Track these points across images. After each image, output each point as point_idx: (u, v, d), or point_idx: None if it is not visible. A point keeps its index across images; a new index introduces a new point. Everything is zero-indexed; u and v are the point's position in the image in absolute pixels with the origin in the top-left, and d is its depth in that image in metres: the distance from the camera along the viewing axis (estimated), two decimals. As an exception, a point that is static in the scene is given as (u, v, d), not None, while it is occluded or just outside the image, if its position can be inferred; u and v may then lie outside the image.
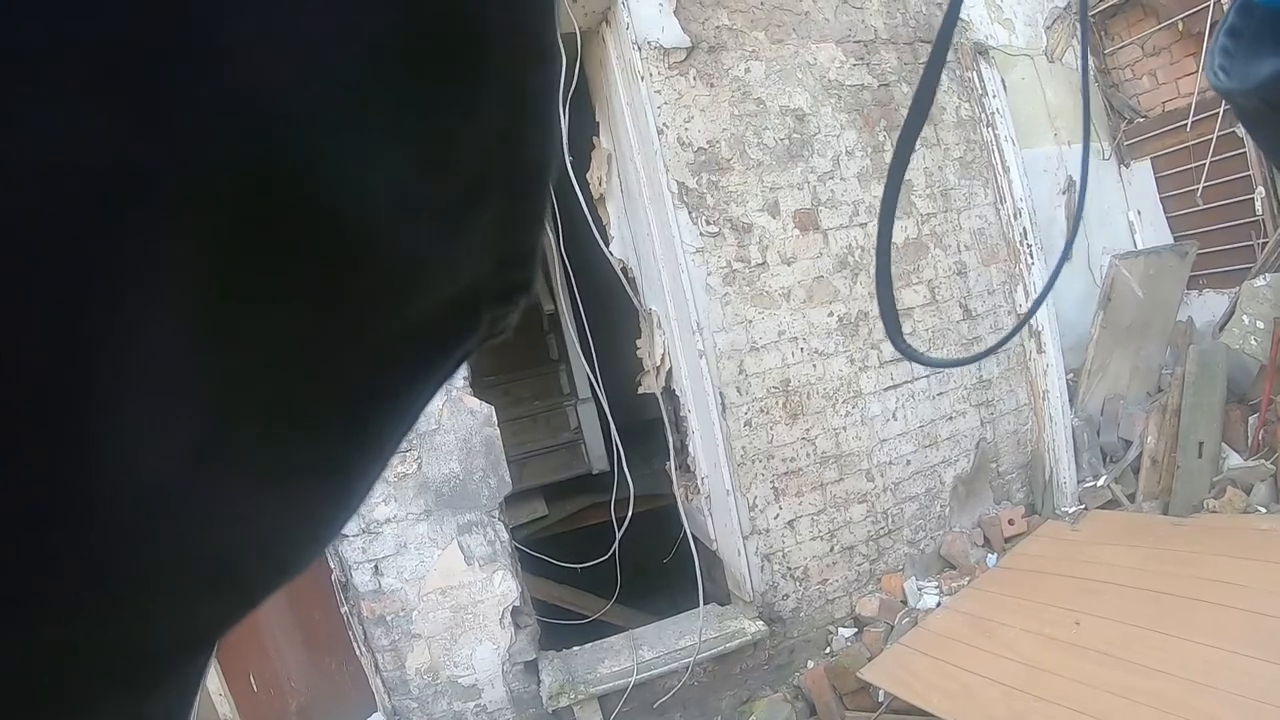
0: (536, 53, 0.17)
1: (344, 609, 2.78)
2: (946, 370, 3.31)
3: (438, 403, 2.73)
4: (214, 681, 2.59)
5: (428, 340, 0.18)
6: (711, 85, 2.97)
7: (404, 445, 2.76)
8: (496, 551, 2.80)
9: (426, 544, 2.74)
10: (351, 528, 2.68)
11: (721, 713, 2.98)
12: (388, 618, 2.74)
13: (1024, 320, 0.76)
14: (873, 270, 3.12)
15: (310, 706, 2.94)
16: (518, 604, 2.82)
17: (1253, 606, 2.31)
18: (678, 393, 3.11)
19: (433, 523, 2.75)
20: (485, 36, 0.16)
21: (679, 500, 3.16)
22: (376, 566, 2.72)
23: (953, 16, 0.52)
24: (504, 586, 2.81)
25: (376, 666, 2.79)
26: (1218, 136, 3.77)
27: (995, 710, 2.29)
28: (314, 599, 2.87)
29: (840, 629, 3.09)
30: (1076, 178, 3.98)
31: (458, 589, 2.77)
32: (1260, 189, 3.69)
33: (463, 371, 2.76)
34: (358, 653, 2.83)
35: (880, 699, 2.73)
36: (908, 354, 0.65)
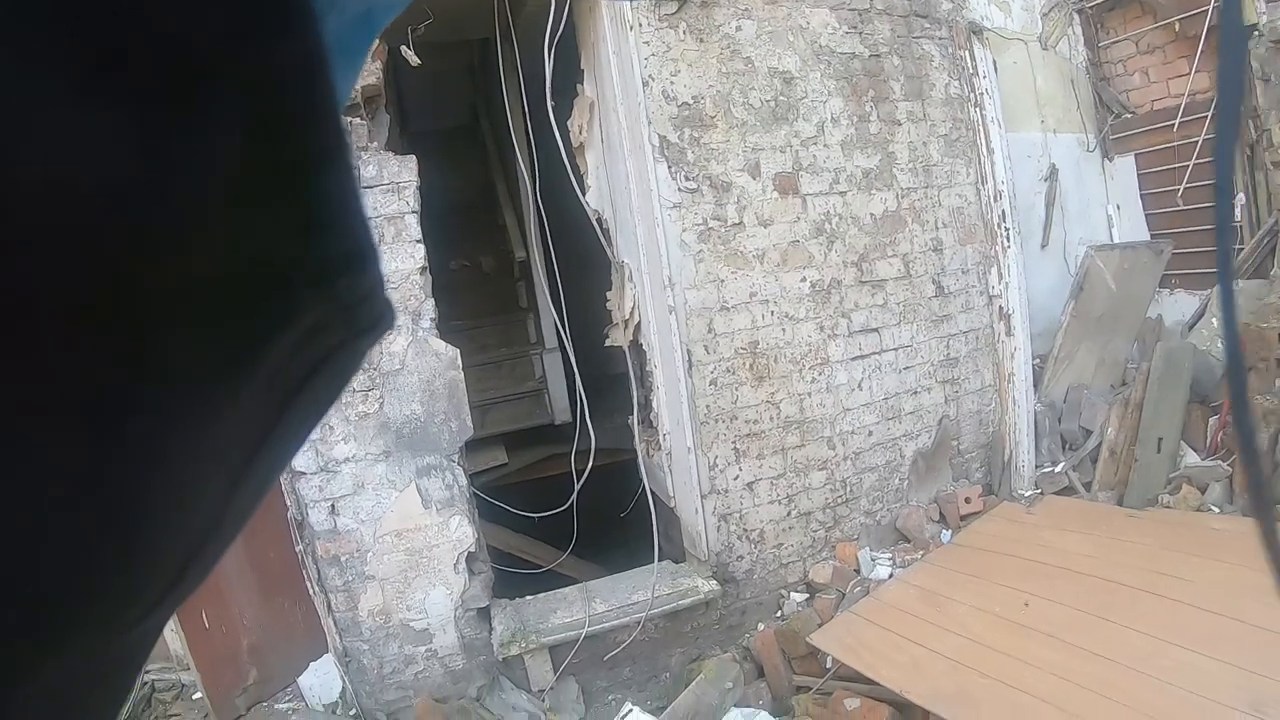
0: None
1: (299, 548, 2.75)
2: (915, 345, 3.32)
3: (402, 343, 2.68)
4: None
5: (213, 320, 0.15)
6: (701, 40, 2.94)
7: (365, 384, 2.74)
8: (454, 496, 2.79)
9: (384, 485, 2.72)
10: (309, 465, 2.64)
11: (670, 669, 3.00)
12: (342, 558, 2.72)
13: None
14: (846, 237, 3.09)
15: (262, 645, 2.92)
16: (473, 550, 2.81)
17: (1199, 603, 2.34)
18: (645, 347, 3.09)
19: (391, 464, 2.72)
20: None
21: (640, 456, 3.16)
22: (333, 506, 2.69)
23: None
24: (460, 532, 2.79)
25: (329, 607, 2.77)
26: (1203, 139, 3.79)
27: (941, 684, 2.31)
28: (269, 537, 2.83)
29: (792, 593, 3.11)
30: (1060, 165, 3.99)
31: (414, 532, 2.75)
32: (1240, 195, 3.72)
33: (429, 312, 2.72)
34: (311, 593, 2.81)
35: (828, 665, 2.75)
36: None
